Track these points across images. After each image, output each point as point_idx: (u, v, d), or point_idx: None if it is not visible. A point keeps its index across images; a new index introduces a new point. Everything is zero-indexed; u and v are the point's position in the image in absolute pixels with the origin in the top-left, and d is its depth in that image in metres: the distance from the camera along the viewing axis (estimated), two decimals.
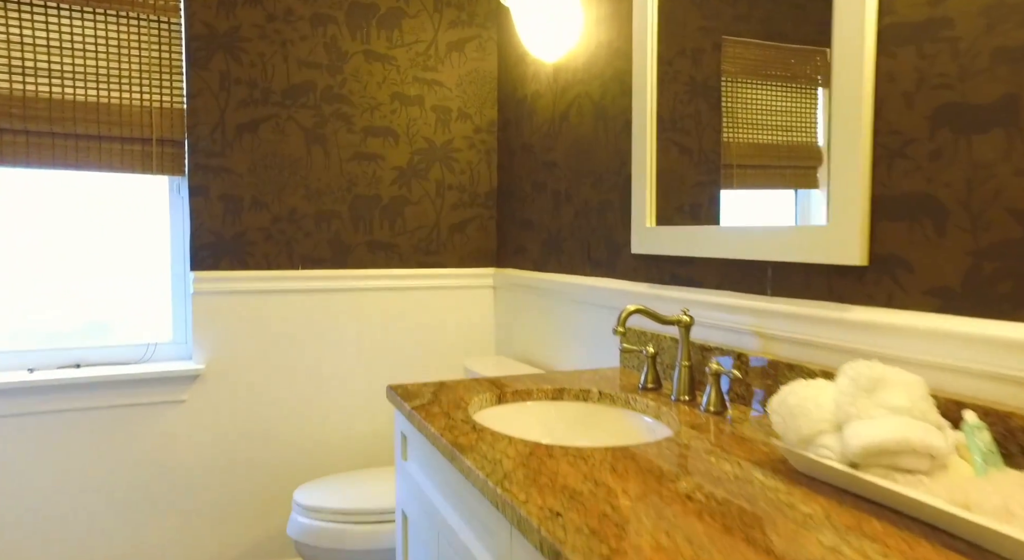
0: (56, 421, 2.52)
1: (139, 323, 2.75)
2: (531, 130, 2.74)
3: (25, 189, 2.60)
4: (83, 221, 2.67)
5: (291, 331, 2.79)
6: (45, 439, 2.50)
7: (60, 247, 2.65)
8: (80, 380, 2.51)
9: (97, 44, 2.52)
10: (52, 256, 2.64)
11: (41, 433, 2.50)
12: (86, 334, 2.69)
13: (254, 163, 2.71)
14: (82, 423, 2.54)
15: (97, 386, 2.55)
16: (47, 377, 2.48)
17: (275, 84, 2.72)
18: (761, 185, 1.57)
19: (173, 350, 2.76)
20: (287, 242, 2.77)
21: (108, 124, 2.55)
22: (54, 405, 2.51)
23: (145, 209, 2.74)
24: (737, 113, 1.61)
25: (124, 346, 2.70)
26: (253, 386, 2.75)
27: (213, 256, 2.67)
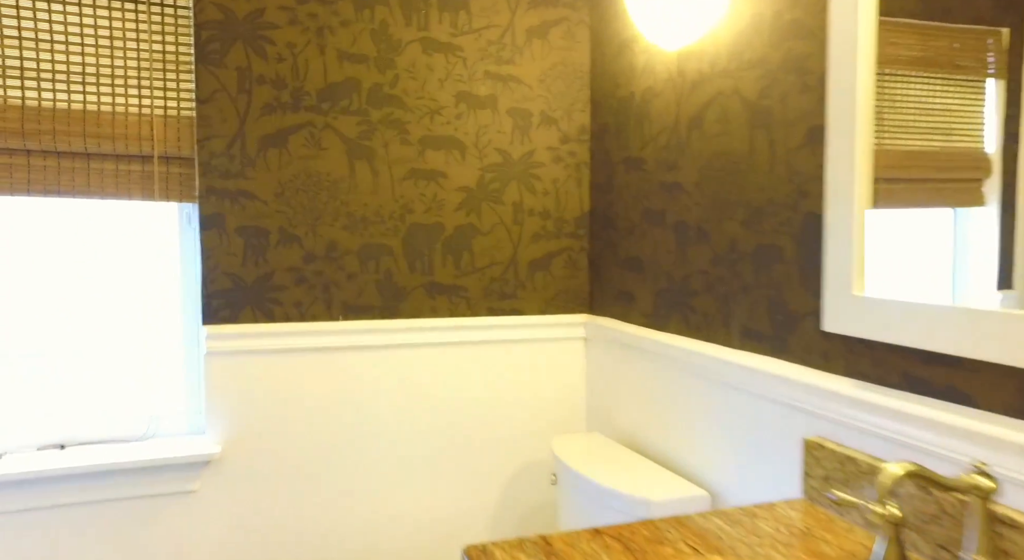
0: (31, 522, 1.92)
1: (139, 389, 2.14)
2: (641, 139, 2.02)
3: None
4: (67, 258, 2.07)
5: (329, 401, 2.14)
6: (14, 546, 1.92)
7: (39, 291, 2.05)
8: (63, 471, 1.91)
9: (83, 35, 1.91)
10: (28, 303, 2.05)
11: (10, 538, 1.91)
12: (72, 403, 2.09)
13: (282, 185, 2.07)
14: (66, 523, 1.95)
15: (86, 477, 1.95)
16: (20, 468, 1.89)
17: (309, 83, 2.07)
18: (911, 202, 1.26)
19: (182, 422, 2.14)
20: (325, 286, 2.12)
21: (98, 138, 1.94)
22: (30, 501, 1.92)
23: (149, 243, 2.12)
24: (884, 112, 1.26)
25: (120, 418, 2.10)
26: (282, 473, 2.11)
27: (230, 306, 2.04)
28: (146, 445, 2.04)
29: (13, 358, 2.02)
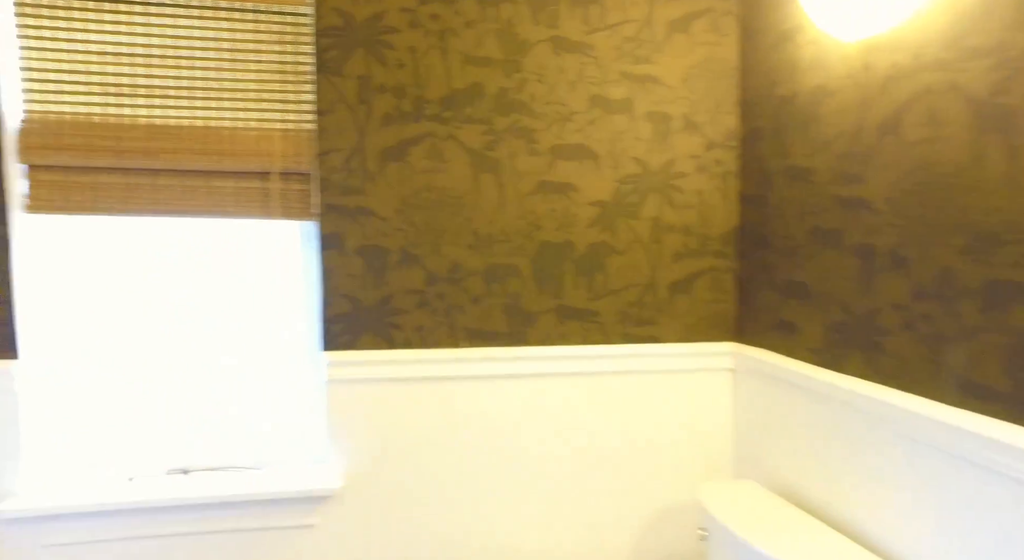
0: (159, 548, 1.86)
1: (260, 415, 2.04)
2: (808, 146, 1.72)
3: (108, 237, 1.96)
4: (191, 280, 1.99)
5: (453, 433, 1.96)
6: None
7: (163, 312, 1.98)
8: (180, 500, 1.83)
9: (207, 50, 1.81)
10: (152, 324, 1.99)
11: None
12: (196, 427, 2.02)
13: (403, 201, 1.91)
14: (192, 551, 1.87)
15: (209, 507, 1.86)
16: (146, 497, 1.82)
17: (431, 90, 1.90)
18: None
19: (303, 450, 2.02)
20: (447, 310, 1.94)
21: (219, 155, 1.84)
22: (154, 529, 1.85)
23: (272, 263, 2.02)
24: None
25: (242, 444, 2.00)
26: (403, 508, 1.95)
27: (350, 330, 1.90)
28: (267, 475, 1.94)
29: (139, 382, 1.97)
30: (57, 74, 1.77)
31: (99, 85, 1.79)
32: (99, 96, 1.79)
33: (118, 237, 1.92)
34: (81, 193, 1.82)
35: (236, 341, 2.00)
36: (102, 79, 1.79)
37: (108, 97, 1.79)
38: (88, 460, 1.93)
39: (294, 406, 2.02)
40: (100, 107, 1.79)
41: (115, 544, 1.84)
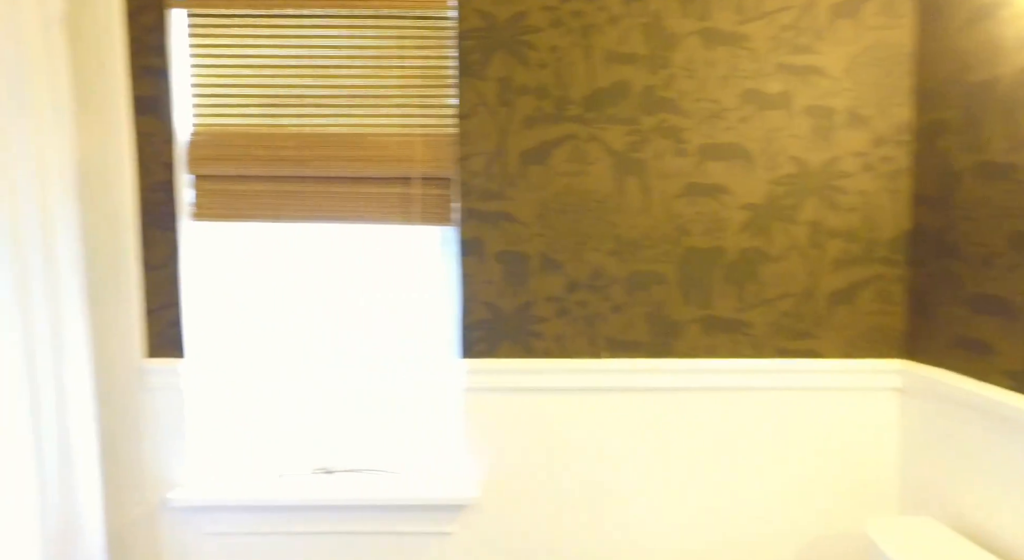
0: (308, 545, 1.91)
1: (399, 419, 2.06)
2: (1011, 139, 1.50)
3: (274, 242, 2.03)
4: (334, 285, 2.03)
5: (593, 446, 1.89)
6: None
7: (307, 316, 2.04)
8: (326, 501, 1.88)
9: (354, 58, 1.84)
10: (306, 326, 2.05)
11: (287, 557, 1.92)
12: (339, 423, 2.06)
13: (544, 205, 1.85)
14: (335, 549, 1.91)
15: (349, 509, 1.90)
16: (297, 496, 1.88)
17: (573, 90, 1.82)
18: None
19: (439, 456, 2.02)
20: (588, 319, 1.87)
21: (363, 161, 1.86)
22: (301, 526, 1.91)
23: (413, 269, 2.02)
24: None
25: (383, 447, 2.03)
26: (540, 521, 1.90)
27: (489, 338, 1.87)
28: (406, 480, 1.95)
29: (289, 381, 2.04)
30: (221, 89, 1.85)
31: (256, 97, 1.86)
32: (256, 108, 1.86)
33: (272, 242, 2.00)
34: (239, 201, 1.90)
35: (378, 345, 2.03)
36: (259, 91, 1.85)
37: (264, 108, 1.86)
38: (242, 455, 2.02)
39: (432, 412, 2.02)
40: (257, 118, 1.86)
41: (267, 537, 1.91)
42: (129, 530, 1.92)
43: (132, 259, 1.86)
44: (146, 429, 1.91)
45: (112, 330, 1.87)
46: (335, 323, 2.02)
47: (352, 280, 2.01)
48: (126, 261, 1.86)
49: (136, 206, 1.85)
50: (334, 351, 2.03)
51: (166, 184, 1.86)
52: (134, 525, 1.92)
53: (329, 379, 2.03)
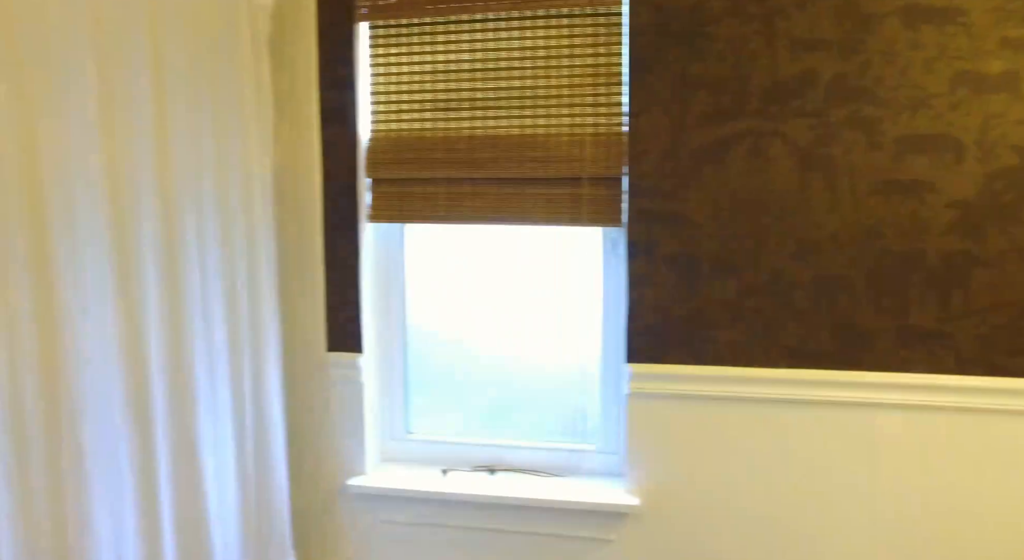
0: (471, 539, 1.96)
1: (563, 421, 2.05)
2: None
3: (444, 244, 2.09)
4: (508, 281, 2.06)
5: (766, 460, 1.77)
6: (458, 556, 1.97)
7: (482, 313, 2.08)
8: (488, 498, 1.91)
9: (523, 59, 1.84)
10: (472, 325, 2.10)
11: (456, 549, 1.97)
12: (504, 423, 2.09)
13: (718, 206, 1.75)
14: (498, 546, 1.94)
15: (512, 507, 1.91)
16: (458, 490, 1.93)
17: (754, 83, 1.71)
18: None
19: (602, 462, 1.98)
20: (765, 325, 1.75)
21: (532, 162, 1.86)
22: (466, 521, 1.96)
23: (574, 270, 2.01)
24: None
25: (545, 449, 2.03)
26: (705, 537, 1.81)
27: (656, 343, 1.81)
28: (567, 484, 1.93)
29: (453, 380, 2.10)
30: (398, 95, 1.93)
31: (431, 102, 1.92)
32: (430, 112, 1.92)
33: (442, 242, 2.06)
34: (412, 203, 1.97)
35: (541, 347, 2.03)
36: (433, 96, 1.91)
37: (437, 113, 1.91)
38: (411, 448, 2.10)
39: (594, 416, 1.99)
40: (431, 122, 1.92)
41: (434, 529, 1.97)
42: (311, 512, 2.06)
43: (318, 259, 1.99)
44: (326, 418, 2.03)
45: (298, 325, 2.01)
46: (501, 323, 2.05)
47: (519, 280, 2.02)
48: (313, 261, 1.99)
49: (321, 209, 1.98)
50: (499, 350, 2.06)
51: (348, 188, 1.97)
52: (315, 508, 2.06)
53: (494, 379, 2.06)
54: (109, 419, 1.35)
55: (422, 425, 2.13)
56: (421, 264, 2.08)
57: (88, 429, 1.28)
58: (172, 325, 1.52)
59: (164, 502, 1.50)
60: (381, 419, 2.10)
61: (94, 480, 1.30)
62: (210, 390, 1.64)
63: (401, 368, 2.09)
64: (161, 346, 1.49)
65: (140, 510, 1.44)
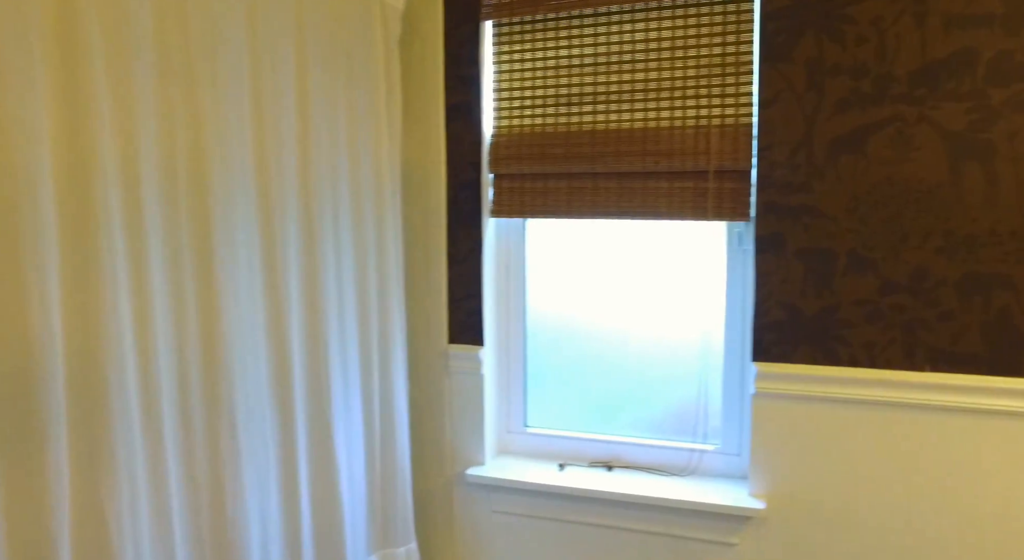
0: (586, 535, 1.95)
1: (685, 417, 2.00)
2: None
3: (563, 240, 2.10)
4: (625, 278, 2.04)
5: (905, 469, 1.65)
6: (573, 551, 1.97)
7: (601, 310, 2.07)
8: (606, 494, 1.89)
9: (648, 51, 1.82)
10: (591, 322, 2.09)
11: (570, 544, 1.97)
12: (622, 421, 2.07)
13: (856, 198, 1.65)
14: (614, 543, 1.92)
15: (630, 505, 1.89)
16: (575, 484, 1.92)
17: (899, 66, 1.60)
18: None
19: (723, 463, 1.92)
20: (906, 325, 1.63)
21: (655, 155, 1.83)
22: (584, 516, 1.95)
23: (703, 264, 1.96)
24: None
25: (664, 447, 1.99)
26: (834, 547, 1.71)
27: (784, 342, 1.73)
28: (686, 483, 1.89)
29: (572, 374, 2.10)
30: (520, 91, 1.96)
31: (553, 97, 1.92)
32: (552, 107, 1.93)
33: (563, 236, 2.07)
34: (533, 198, 1.98)
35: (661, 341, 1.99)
36: (556, 92, 1.92)
37: (560, 108, 1.92)
38: (528, 441, 2.12)
39: (716, 415, 1.93)
40: (553, 117, 1.93)
41: (548, 523, 1.98)
42: (430, 499, 2.12)
43: (441, 253, 2.04)
44: (447, 409, 2.09)
45: (421, 317, 2.08)
46: (622, 317, 2.03)
47: (640, 274, 1.99)
48: (437, 255, 2.05)
49: (445, 204, 2.04)
50: (619, 344, 2.03)
51: (472, 183, 2.01)
52: (434, 495, 2.11)
53: (614, 373, 2.04)
54: (257, 397, 1.44)
55: (540, 418, 2.14)
56: (542, 258, 2.09)
57: (240, 407, 1.38)
58: (310, 314, 1.61)
59: (303, 480, 1.59)
60: (499, 412, 2.13)
61: (245, 456, 1.40)
62: (342, 375, 1.73)
63: (521, 362, 2.11)
64: (301, 334, 1.59)
65: (282, 486, 1.53)
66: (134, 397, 1.15)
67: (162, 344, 1.21)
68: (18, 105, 0.94)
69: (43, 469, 0.98)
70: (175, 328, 1.24)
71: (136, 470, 1.15)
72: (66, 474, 1.03)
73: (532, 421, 2.14)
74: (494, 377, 2.10)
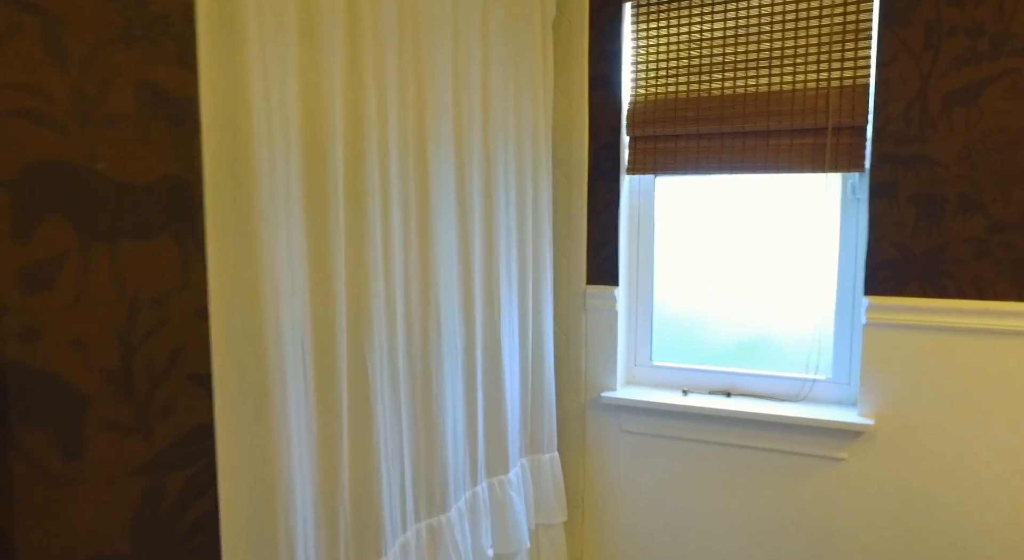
0: (706, 451, 2.19)
1: (798, 352, 2.19)
2: None
3: (687, 195, 2.34)
4: (742, 229, 2.25)
5: (999, 390, 1.78)
6: (692, 466, 2.22)
7: (720, 258, 2.30)
8: (729, 413, 2.12)
9: (773, 23, 2.02)
10: (711, 268, 2.32)
11: (691, 459, 2.22)
12: (740, 356, 2.29)
13: (968, 147, 1.79)
14: (731, 459, 2.15)
15: (746, 423, 2.12)
16: (699, 403, 2.17)
17: (1017, 23, 1.73)
18: None
19: (833, 390, 2.10)
20: (1014, 261, 1.76)
21: (778, 116, 2.03)
22: (704, 435, 2.19)
23: (815, 215, 2.14)
24: None
25: (779, 377, 2.19)
26: (933, 458, 1.87)
27: (895, 277, 1.89)
28: (800, 407, 2.09)
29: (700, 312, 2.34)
30: (656, 63, 2.20)
31: (685, 67, 2.16)
32: (684, 76, 2.16)
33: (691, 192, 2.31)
34: (665, 157, 2.23)
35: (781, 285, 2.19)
36: (688, 62, 2.15)
37: (691, 76, 2.15)
38: (656, 372, 2.38)
39: (829, 348, 2.11)
40: (685, 85, 2.16)
41: (673, 441, 2.23)
42: (569, 418, 2.42)
43: (583, 205, 2.33)
44: (584, 341, 2.38)
45: (564, 260, 2.38)
46: (747, 262, 2.25)
47: (762, 223, 2.20)
48: (579, 206, 2.34)
49: (587, 162, 2.32)
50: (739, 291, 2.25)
51: (611, 144, 2.28)
52: (573, 415, 2.41)
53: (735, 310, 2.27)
54: (451, 320, 1.76)
55: (664, 357, 2.39)
56: (669, 212, 2.34)
57: (443, 331, 1.69)
58: (487, 255, 1.89)
59: (479, 387, 1.89)
60: (629, 345, 2.40)
61: (446, 363, 1.71)
62: (508, 306, 2.04)
63: (648, 302, 2.37)
64: (481, 272, 1.87)
65: (465, 391, 1.83)
66: (383, 320, 1.47)
67: (399, 281, 1.53)
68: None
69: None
70: (405, 268, 1.55)
71: (382, 369, 1.48)
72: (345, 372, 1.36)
73: (657, 358, 2.40)
74: (625, 315, 2.37)
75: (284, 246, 1.20)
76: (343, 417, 1.37)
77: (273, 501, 1.16)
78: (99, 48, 0.64)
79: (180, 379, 0.73)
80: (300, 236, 1.26)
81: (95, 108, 0.64)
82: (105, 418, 0.66)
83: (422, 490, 1.66)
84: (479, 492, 1.91)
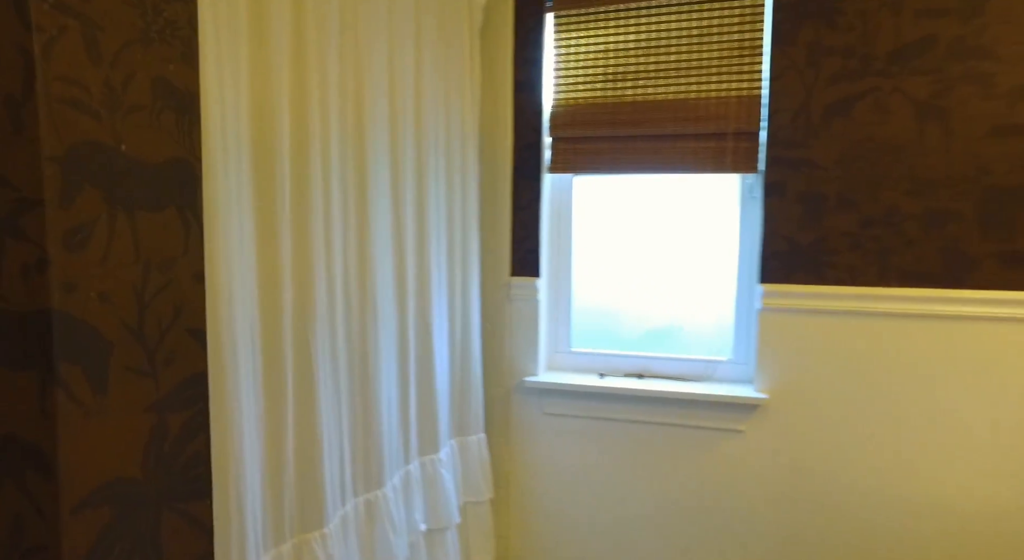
0: (621, 429, 2.38)
1: (702, 337, 2.42)
2: None
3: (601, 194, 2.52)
4: (652, 225, 2.46)
5: (877, 366, 2.05)
6: (609, 443, 2.40)
7: (632, 252, 2.50)
8: (641, 392, 2.32)
9: (680, 37, 2.23)
10: (624, 261, 2.52)
11: (607, 437, 2.40)
12: (651, 341, 2.49)
13: (843, 153, 2.05)
14: (643, 435, 2.35)
15: (656, 401, 2.32)
16: (614, 384, 2.36)
17: (879, 47, 2.00)
18: None
19: (734, 370, 2.34)
20: (880, 252, 2.03)
21: (684, 121, 2.25)
22: (619, 414, 2.38)
23: (717, 212, 2.37)
24: None
25: (686, 360, 2.41)
26: (821, 428, 2.12)
27: (785, 266, 2.14)
28: (705, 385, 2.31)
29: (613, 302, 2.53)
30: (575, 70, 2.37)
31: (602, 75, 2.34)
32: (601, 83, 2.35)
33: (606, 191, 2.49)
34: (584, 157, 2.41)
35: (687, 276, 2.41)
36: (604, 70, 2.33)
37: (607, 83, 2.34)
38: (573, 358, 2.55)
39: (729, 333, 2.35)
40: (601, 91, 2.34)
41: (590, 421, 2.39)
42: (494, 401, 2.55)
43: (507, 201, 2.48)
44: (508, 329, 2.52)
45: (489, 253, 2.51)
46: (657, 255, 2.45)
47: (666, 220, 2.41)
48: (503, 202, 2.48)
49: (511, 161, 2.47)
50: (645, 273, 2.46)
51: (533, 145, 2.44)
52: (497, 398, 2.55)
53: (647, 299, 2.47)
54: (385, 299, 1.86)
55: (582, 344, 2.57)
56: (587, 209, 2.52)
57: (380, 318, 1.77)
58: (419, 241, 1.99)
59: (411, 367, 2.00)
60: (550, 332, 2.57)
61: (382, 340, 1.81)
62: (438, 290, 2.15)
63: (568, 292, 2.54)
64: (414, 256, 1.97)
65: (399, 368, 1.94)
66: (325, 306, 1.55)
67: (339, 269, 1.61)
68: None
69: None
70: (344, 257, 1.63)
71: (324, 352, 1.56)
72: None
73: (575, 344, 2.57)
74: (546, 305, 2.54)
75: (236, 236, 1.27)
76: (288, 395, 1.45)
77: (226, 472, 1.24)
78: (125, 47, 0.73)
79: (181, 332, 0.81)
80: (250, 226, 1.34)
81: (121, 98, 0.73)
82: (124, 362, 0.74)
83: (360, 466, 1.76)
84: (412, 470, 2.02)
